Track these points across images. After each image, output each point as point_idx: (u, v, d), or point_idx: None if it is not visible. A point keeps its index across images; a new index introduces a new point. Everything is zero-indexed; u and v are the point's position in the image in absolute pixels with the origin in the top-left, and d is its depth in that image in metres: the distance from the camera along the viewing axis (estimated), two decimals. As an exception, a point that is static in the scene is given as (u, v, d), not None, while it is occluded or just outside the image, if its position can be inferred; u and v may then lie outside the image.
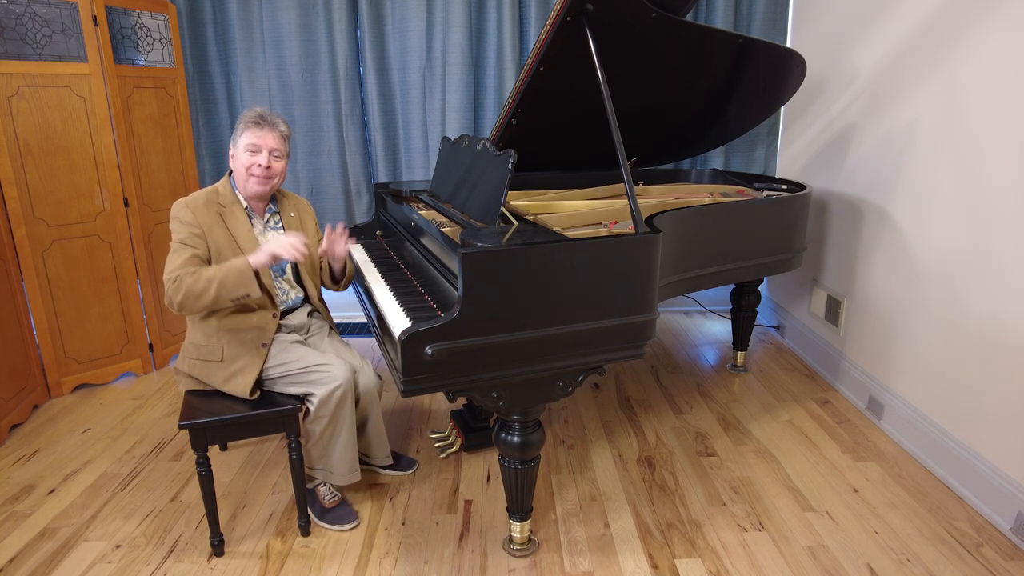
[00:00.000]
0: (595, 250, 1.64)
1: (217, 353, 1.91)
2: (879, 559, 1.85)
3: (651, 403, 2.83)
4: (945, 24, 2.24)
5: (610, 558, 1.87)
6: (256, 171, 1.95)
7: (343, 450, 1.98)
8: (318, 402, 1.88)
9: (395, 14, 3.34)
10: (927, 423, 2.32)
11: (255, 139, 1.94)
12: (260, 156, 1.95)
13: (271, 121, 1.98)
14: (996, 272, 2.02)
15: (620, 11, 2.01)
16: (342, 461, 1.99)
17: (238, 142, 1.97)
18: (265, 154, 1.95)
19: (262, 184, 1.97)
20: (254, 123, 1.96)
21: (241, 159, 1.95)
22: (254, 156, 1.95)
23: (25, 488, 2.23)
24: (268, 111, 2.00)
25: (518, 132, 2.38)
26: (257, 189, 1.97)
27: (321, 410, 1.89)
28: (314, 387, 1.89)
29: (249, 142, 1.94)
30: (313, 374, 1.90)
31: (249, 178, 1.96)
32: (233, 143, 1.98)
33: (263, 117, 1.97)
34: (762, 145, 3.64)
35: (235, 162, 1.98)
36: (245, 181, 1.97)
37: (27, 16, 2.57)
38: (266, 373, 1.92)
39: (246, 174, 1.95)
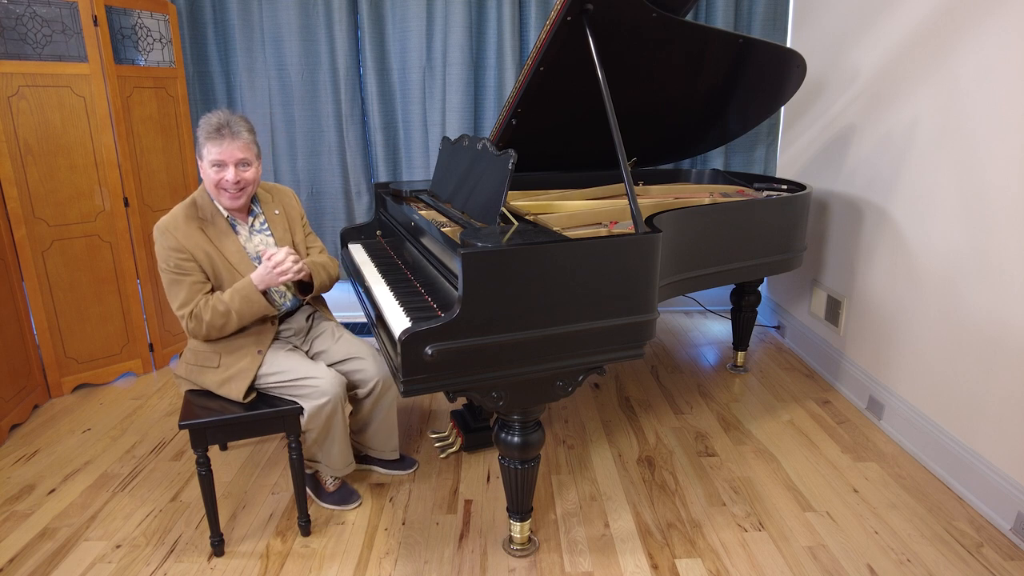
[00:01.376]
0: (595, 250, 1.64)
1: (214, 359, 1.91)
2: (879, 559, 1.85)
3: (651, 403, 2.83)
4: (945, 24, 2.24)
5: (610, 558, 1.87)
6: (226, 185, 1.85)
7: (338, 450, 2.03)
8: (307, 416, 1.89)
9: (395, 14, 3.34)
10: (927, 423, 2.32)
11: (217, 154, 1.81)
12: (227, 171, 1.83)
13: (233, 130, 1.82)
14: (996, 272, 2.02)
15: (620, 11, 2.01)
16: (337, 457, 2.05)
17: (201, 155, 1.84)
18: (231, 168, 1.83)
19: (235, 199, 1.89)
20: (214, 135, 1.81)
21: (208, 174, 1.84)
22: (220, 171, 1.83)
23: (25, 488, 2.23)
24: (228, 115, 1.84)
25: (518, 132, 2.38)
26: (230, 204, 1.90)
27: (310, 423, 1.90)
28: (303, 400, 1.89)
29: (212, 158, 1.82)
30: (302, 388, 1.88)
31: (221, 193, 1.87)
32: (198, 154, 1.86)
33: (222, 127, 1.81)
34: (762, 145, 3.64)
35: (203, 175, 1.87)
36: (216, 195, 1.89)
37: (27, 16, 2.57)
38: (259, 380, 1.91)
39: (216, 190, 1.87)
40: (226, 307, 1.83)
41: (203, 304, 1.83)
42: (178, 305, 1.83)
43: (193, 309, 1.82)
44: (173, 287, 1.83)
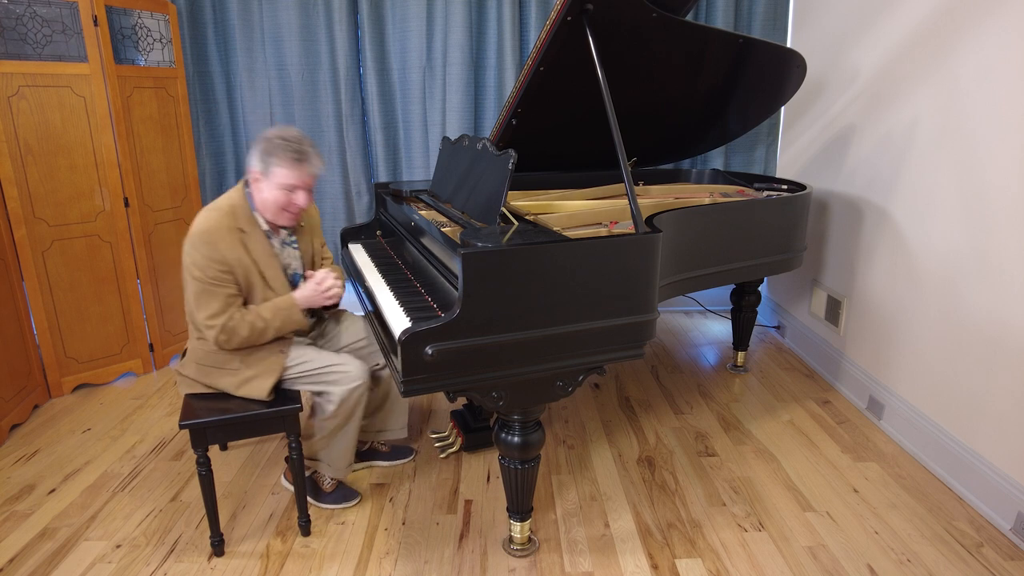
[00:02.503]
0: (595, 250, 1.64)
1: (234, 362, 1.88)
2: (879, 559, 1.85)
3: (651, 403, 2.83)
4: (945, 24, 2.23)
5: (610, 558, 1.87)
6: (293, 209, 1.85)
7: (346, 447, 2.03)
8: (337, 401, 1.91)
9: (395, 14, 3.34)
10: (927, 423, 2.32)
11: (295, 179, 1.80)
12: (297, 196, 1.84)
13: (311, 156, 1.82)
14: (996, 272, 2.02)
15: (620, 11, 2.01)
16: (343, 456, 2.05)
17: (271, 173, 1.80)
18: (303, 193, 1.85)
19: (292, 221, 1.90)
20: (294, 159, 1.79)
21: (274, 194, 1.81)
22: (290, 195, 1.83)
23: (25, 488, 2.23)
24: (302, 137, 1.82)
25: (518, 132, 2.38)
26: (285, 223, 1.90)
27: (339, 408, 1.92)
28: (333, 386, 1.91)
29: (287, 182, 1.80)
30: (331, 374, 1.91)
31: (280, 214, 1.86)
32: (263, 170, 1.80)
33: (303, 151, 1.80)
34: (762, 145, 3.64)
35: (261, 190, 1.83)
36: (274, 214, 1.86)
37: (27, 16, 2.57)
38: (284, 373, 1.92)
39: (277, 209, 1.84)
40: (265, 324, 1.83)
41: (239, 318, 1.80)
42: (208, 315, 1.77)
43: (226, 322, 1.78)
44: (204, 296, 1.77)
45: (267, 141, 1.81)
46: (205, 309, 1.78)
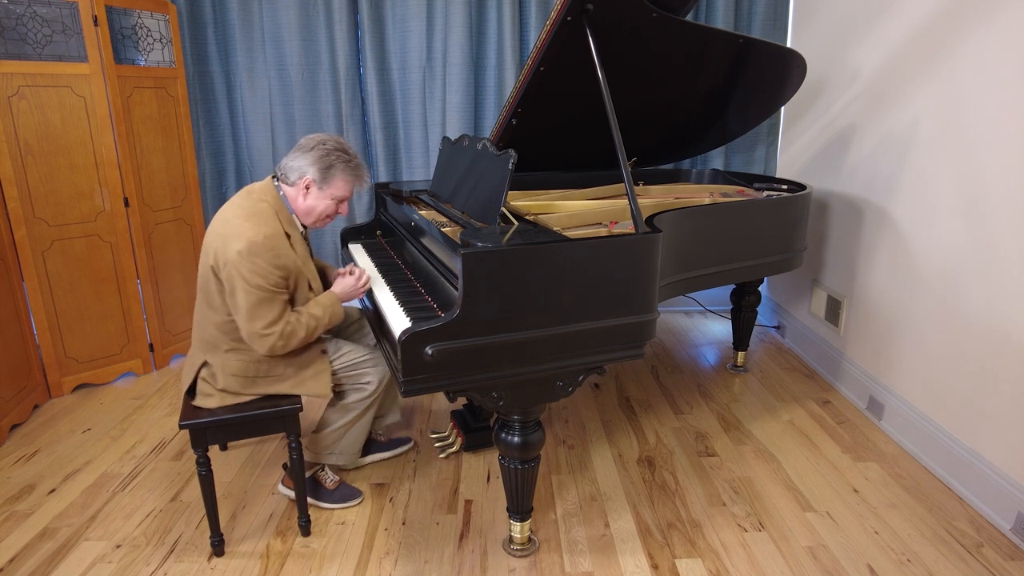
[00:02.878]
0: (595, 250, 1.64)
1: (279, 368, 1.87)
2: (879, 559, 1.85)
3: (651, 403, 2.83)
4: (945, 24, 2.23)
5: (610, 558, 1.87)
6: (333, 218, 1.91)
7: (361, 433, 2.10)
8: (374, 386, 2.00)
9: (395, 14, 3.34)
10: (927, 423, 2.32)
11: (350, 192, 1.88)
12: (344, 206, 1.90)
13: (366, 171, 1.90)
14: (996, 272, 2.02)
15: (620, 11, 2.01)
16: (356, 443, 2.10)
17: (329, 185, 1.82)
18: (346, 204, 1.91)
19: (324, 225, 1.94)
20: (356, 175, 1.85)
21: (324, 204, 1.84)
22: (339, 205, 1.88)
23: (25, 488, 2.23)
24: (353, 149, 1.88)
25: (518, 132, 2.38)
26: (317, 226, 1.94)
27: (372, 394, 2.01)
28: (372, 373, 1.99)
29: (343, 195, 1.86)
30: (368, 363, 2.00)
31: (321, 220, 1.89)
32: (320, 180, 1.81)
33: (361, 167, 1.87)
34: (762, 145, 3.64)
35: (308, 197, 1.83)
36: (314, 219, 1.88)
37: (27, 16, 2.57)
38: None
39: (321, 218, 1.88)
40: (317, 322, 1.83)
41: (295, 321, 1.78)
42: (266, 324, 1.73)
43: (283, 328, 1.75)
44: (264, 306, 1.71)
45: (326, 151, 1.81)
46: (263, 319, 1.72)
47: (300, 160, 1.82)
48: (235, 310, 1.74)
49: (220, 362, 1.84)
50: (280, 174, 1.86)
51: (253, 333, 1.74)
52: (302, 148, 1.83)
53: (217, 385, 1.84)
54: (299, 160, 1.82)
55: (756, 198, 2.60)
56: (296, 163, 1.82)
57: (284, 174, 1.85)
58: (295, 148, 1.85)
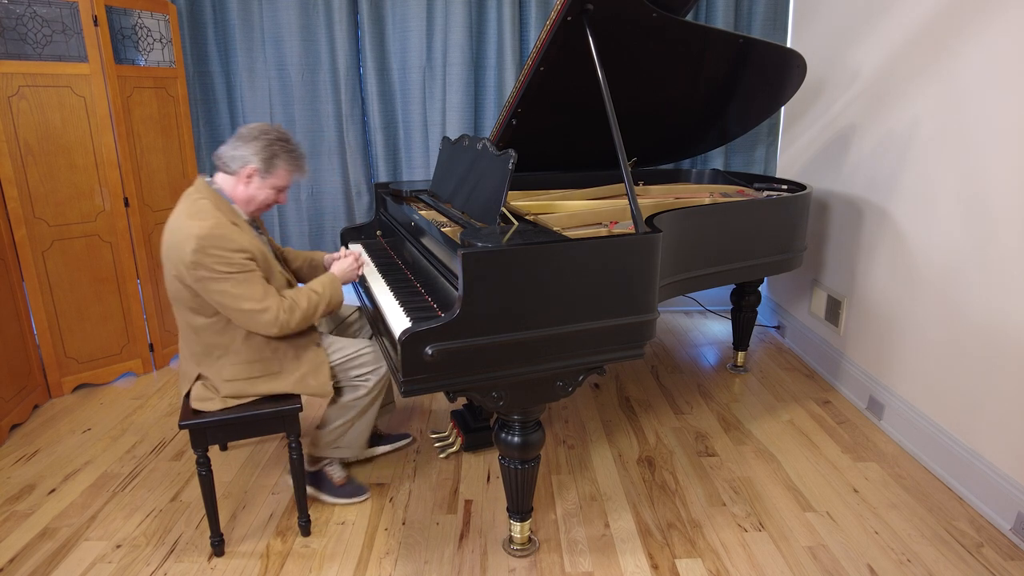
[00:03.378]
0: (595, 250, 1.64)
1: (275, 365, 1.86)
2: (879, 559, 1.85)
3: (651, 403, 2.83)
4: (945, 24, 2.23)
5: (610, 558, 1.87)
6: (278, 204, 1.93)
7: (367, 426, 2.11)
8: (375, 380, 2.01)
9: (395, 14, 3.34)
10: (927, 423, 2.32)
11: (291, 180, 1.89)
12: (283, 195, 1.91)
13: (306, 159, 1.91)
14: (996, 272, 2.02)
15: (620, 11, 2.01)
16: (362, 435, 2.11)
17: (272, 174, 1.82)
18: (286, 193, 1.92)
19: (262, 212, 1.95)
20: (296, 164, 1.86)
21: (265, 192, 1.84)
22: (280, 194, 1.89)
23: (25, 488, 2.23)
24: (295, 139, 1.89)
25: (518, 132, 2.38)
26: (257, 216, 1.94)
27: (375, 388, 2.02)
28: (370, 366, 2.00)
29: (286, 183, 1.87)
30: (365, 357, 2.00)
31: (261, 207, 1.89)
32: (263, 169, 1.81)
33: (302, 155, 1.89)
34: (762, 145, 3.64)
35: (249, 186, 1.82)
36: (255, 207, 1.87)
37: (27, 16, 2.57)
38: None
39: (262, 206, 1.88)
40: (319, 296, 1.86)
41: (292, 295, 1.81)
42: (258, 299, 1.72)
43: (279, 302, 1.75)
44: (242, 286, 1.70)
45: (269, 141, 1.81)
46: (249, 298, 1.71)
47: (243, 149, 1.80)
48: (220, 306, 1.73)
49: (215, 372, 1.83)
50: (219, 162, 1.84)
51: (249, 316, 1.72)
52: (244, 138, 1.81)
53: (220, 393, 1.83)
54: (242, 149, 1.80)
55: (756, 198, 2.60)
56: (239, 152, 1.80)
57: (225, 163, 1.82)
58: (235, 137, 1.82)
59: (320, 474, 2.13)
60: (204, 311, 1.78)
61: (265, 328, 1.76)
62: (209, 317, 1.79)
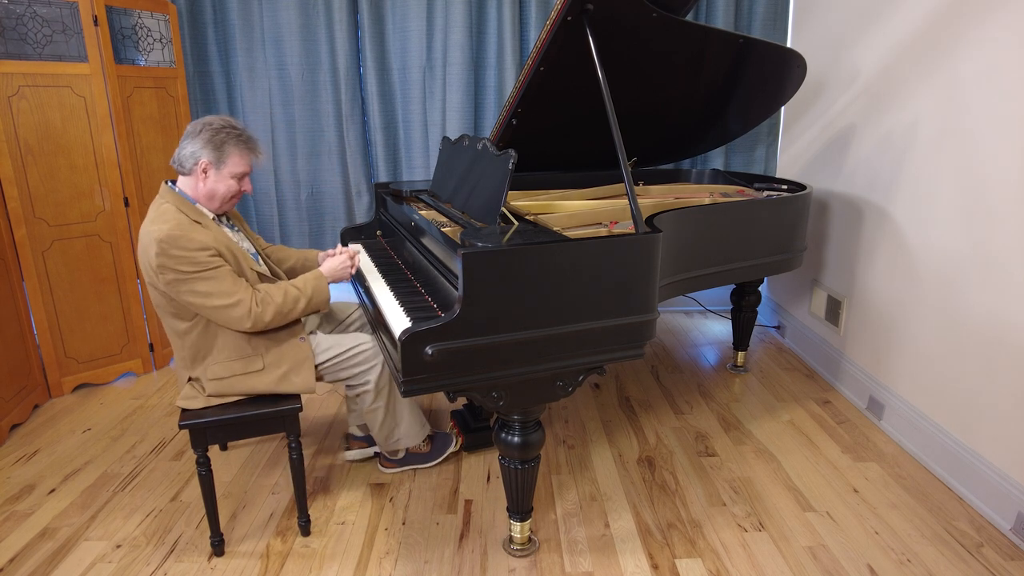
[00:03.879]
0: (595, 250, 1.64)
1: (258, 362, 1.85)
2: (879, 559, 1.85)
3: (651, 403, 2.83)
4: (945, 24, 2.23)
5: (610, 558, 1.87)
6: (242, 195, 1.86)
7: (410, 412, 2.15)
8: (374, 382, 2.00)
9: (395, 14, 3.34)
10: (927, 423, 2.32)
11: (247, 166, 1.83)
12: (245, 182, 1.86)
13: (257, 142, 1.86)
14: (997, 272, 2.02)
15: (620, 11, 2.01)
16: (414, 422, 2.17)
17: (225, 163, 1.79)
18: (248, 180, 1.87)
19: (233, 206, 1.92)
20: (248, 147, 1.81)
21: (226, 184, 1.80)
22: (241, 182, 1.84)
23: (25, 488, 2.23)
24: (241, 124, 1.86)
25: (518, 132, 2.38)
26: (228, 210, 1.91)
27: (377, 384, 2.01)
28: (363, 368, 1.99)
29: (241, 170, 1.82)
30: (359, 355, 1.98)
31: (228, 202, 1.85)
32: (215, 160, 1.78)
33: (252, 138, 1.83)
34: (762, 145, 3.64)
35: (208, 181, 1.79)
36: (220, 204, 1.83)
37: (28, 16, 2.57)
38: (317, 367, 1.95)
39: (226, 199, 1.83)
40: (298, 292, 1.83)
41: (267, 288, 1.78)
42: (228, 294, 1.70)
43: (252, 295, 1.73)
44: (211, 282, 1.69)
45: (215, 131, 1.78)
46: (218, 294, 1.69)
47: (192, 146, 1.78)
48: (192, 306, 1.73)
49: (201, 373, 1.84)
50: (176, 165, 1.83)
51: (221, 311, 1.71)
52: (190, 134, 1.79)
53: (204, 392, 1.84)
54: (191, 146, 1.79)
55: (756, 198, 2.60)
56: (188, 149, 1.79)
57: (180, 163, 1.81)
58: (183, 137, 1.81)
59: (406, 455, 2.26)
60: (183, 315, 1.78)
61: (238, 323, 1.74)
62: (189, 320, 1.79)
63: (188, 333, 1.81)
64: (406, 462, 2.27)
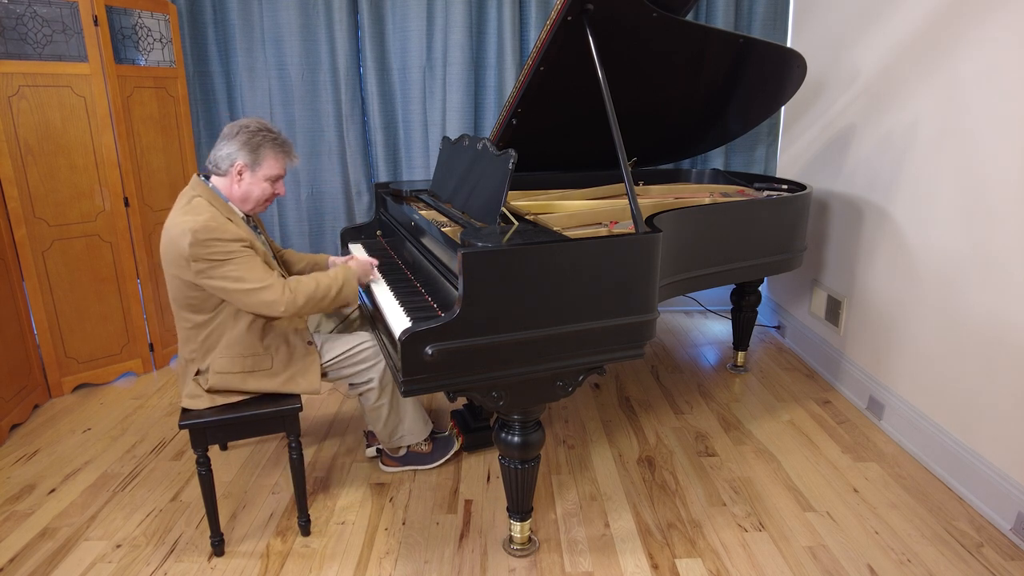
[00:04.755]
0: (595, 250, 1.64)
1: (267, 362, 1.86)
2: (879, 559, 1.85)
3: (651, 403, 2.83)
4: (945, 24, 2.23)
5: (610, 558, 1.87)
6: (276, 197, 1.90)
7: (414, 410, 2.17)
8: (377, 380, 2.01)
9: (395, 14, 3.34)
10: (927, 423, 2.32)
11: (282, 169, 1.87)
12: (279, 185, 1.90)
13: (292, 145, 1.90)
14: (996, 272, 2.02)
15: (620, 11, 2.01)
16: (414, 419, 2.18)
17: (261, 166, 1.82)
18: (282, 183, 1.91)
19: (265, 208, 1.94)
20: (283, 151, 1.85)
21: (261, 187, 1.84)
22: (275, 184, 1.88)
23: (25, 488, 2.23)
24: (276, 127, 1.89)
25: (518, 132, 2.38)
26: (262, 211, 1.94)
27: (379, 383, 2.02)
28: (365, 366, 2.00)
29: (276, 172, 1.85)
30: (362, 354, 2.00)
31: (260, 204, 1.88)
32: (251, 163, 1.81)
33: (287, 142, 1.87)
34: (762, 145, 3.64)
35: (243, 183, 1.82)
36: (254, 205, 1.87)
37: (28, 16, 2.57)
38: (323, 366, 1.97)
39: (261, 201, 1.87)
40: (330, 281, 1.84)
41: (296, 278, 1.81)
42: (260, 279, 1.72)
43: (284, 282, 1.75)
44: (244, 267, 1.70)
45: (251, 133, 1.81)
46: (251, 279, 1.71)
47: (228, 147, 1.80)
48: (224, 292, 1.73)
49: (207, 366, 1.85)
50: (211, 166, 1.84)
51: (255, 294, 1.72)
52: (226, 136, 1.82)
53: (206, 386, 1.84)
54: (227, 148, 1.81)
55: (756, 198, 2.60)
56: (224, 151, 1.81)
57: (215, 164, 1.83)
58: (219, 138, 1.83)
59: (407, 454, 2.26)
60: (204, 308, 1.79)
61: (271, 307, 1.74)
62: (208, 313, 1.80)
63: (204, 326, 1.81)
64: (407, 461, 2.27)
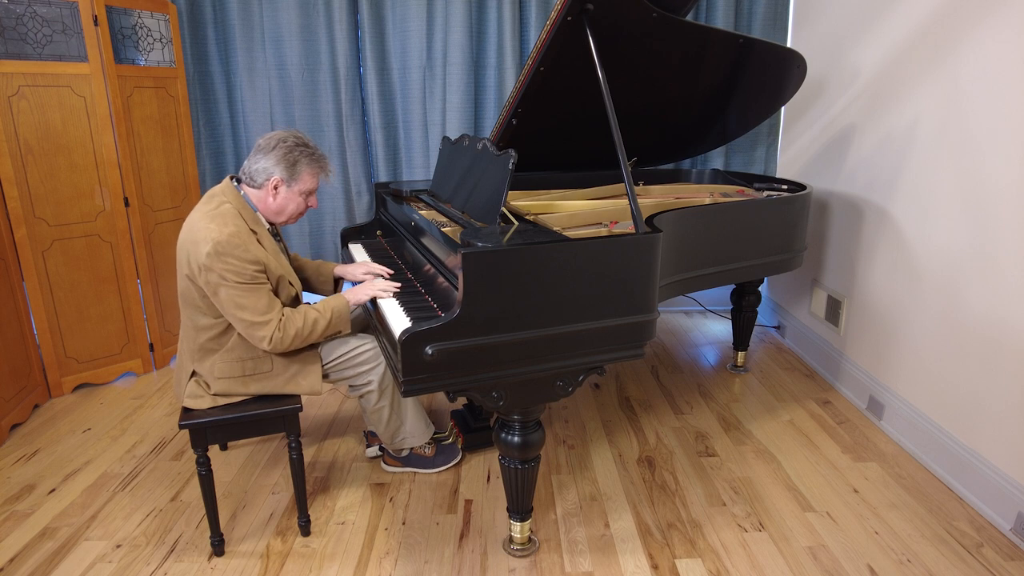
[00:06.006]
0: (596, 250, 1.64)
1: (267, 364, 1.87)
2: (879, 559, 1.85)
3: (651, 403, 2.83)
4: (946, 24, 2.24)
5: (610, 558, 1.87)
6: (309, 211, 1.91)
7: (415, 412, 2.17)
8: (377, 382, 2.01)
9: (395, 14, 3.34)
10: (927, 423, 2.32)
11: (316, 183, 1.88)
12: (312, 198, 1.91)
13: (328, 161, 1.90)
14: (996, 272, 2.02)
15: (620, 11, 2.01)
16: (418, 421, 2.18)
17: (297, 181, 1.83)
18: (315, 197, 1.93)
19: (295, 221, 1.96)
20: (319, 166, 1.86)
21: (295, 201, 1.86)
22: (309, 199, 1.90)
23: (25, 488, 2.23)
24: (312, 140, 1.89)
25: (519, 132, 2.38)
26: (292, 223, 1.96)
27: (379, 385, 2.02)
28: (365, 368, 1.99)
29: (311, 188, 1.87)
30: (361, 355, 1.99)
31: (292, 217, 1.90)
32: (287, 178, 1.82)
33: (324, 157, 1.89)
34: (762, 145, 3.64)
35: (278, 196, 1.83)
36: (286, 217, 1.89)
37: (28, 16, 2.57)
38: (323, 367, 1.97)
39: (294, 214, 1.89)
40: (316, 317, 1.83)
41: (290, 313, 1.79)
42: (260, 312, 1.73)
43: (279, 316, 1.76)
44: (248, 296, 1.72)
45: (288, 148, 1.82)
46: (254, 309, 1.72)
47: (264, 161, 1.81)
48: (223, 310, 1.75)
49: (208, 368, 1.85)
50: (245, 177, 1.85)
51: (248, 326, 1.74)
52: (263, 149, 1.82)
53: (210, 391, 1.85)
54: (263, 161, 1.81)
55: (756, 198, 2.60)
56: (261, 164, 1.81)
57: (250, 177, 1.83)
58: (255, 150, 1.84)
59: (410, 456, 2.26)
60: (210, 312, 1.80)
61: (258, 342, 1.77)
62: (214, 318, 1.81)
63: (208, 329, 1.82)
64: (409, 462, 2.27)
